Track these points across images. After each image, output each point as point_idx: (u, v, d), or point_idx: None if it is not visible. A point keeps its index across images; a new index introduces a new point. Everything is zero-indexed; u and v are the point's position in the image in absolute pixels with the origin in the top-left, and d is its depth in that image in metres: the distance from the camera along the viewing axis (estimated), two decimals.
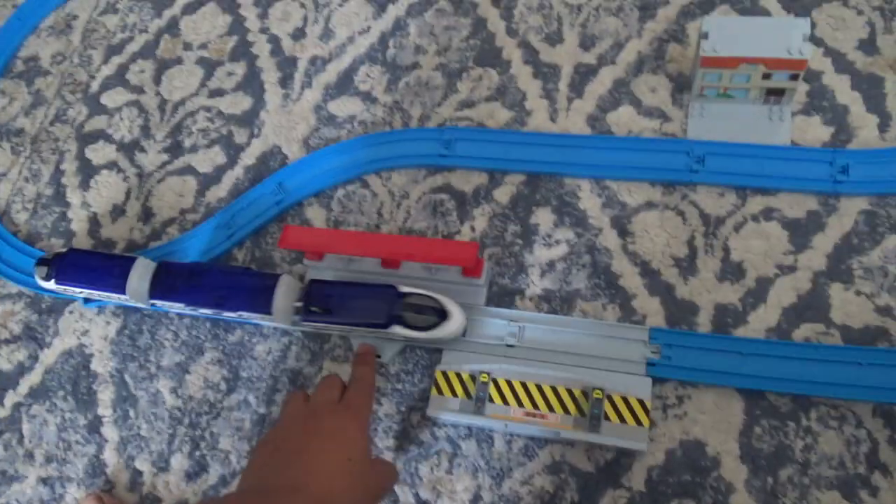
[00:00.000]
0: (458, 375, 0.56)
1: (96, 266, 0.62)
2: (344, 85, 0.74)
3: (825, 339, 0.53)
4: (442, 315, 0.55)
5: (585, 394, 0.53)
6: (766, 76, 0.59)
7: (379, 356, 0.58)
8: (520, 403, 0.54)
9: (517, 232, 0.63)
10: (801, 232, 0.57)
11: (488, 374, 0.55)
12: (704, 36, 0.58)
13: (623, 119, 0.65)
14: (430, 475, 0.56)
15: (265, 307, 0.57)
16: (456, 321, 0.55)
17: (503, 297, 0.60)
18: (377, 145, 0.69)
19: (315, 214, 0.68)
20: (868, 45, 0.63)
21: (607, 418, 0.52)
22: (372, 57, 0.74)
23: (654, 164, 0.62)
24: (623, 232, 0.61)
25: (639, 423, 0.52)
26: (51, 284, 0.63)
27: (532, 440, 0.55)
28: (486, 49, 0.72)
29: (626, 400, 0.52)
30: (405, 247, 0.58)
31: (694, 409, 0.53)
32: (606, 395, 0.53)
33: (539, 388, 0.54)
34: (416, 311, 0.55)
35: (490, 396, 0.55)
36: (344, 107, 0.73)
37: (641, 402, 0.52)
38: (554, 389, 0.54)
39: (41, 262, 0.63)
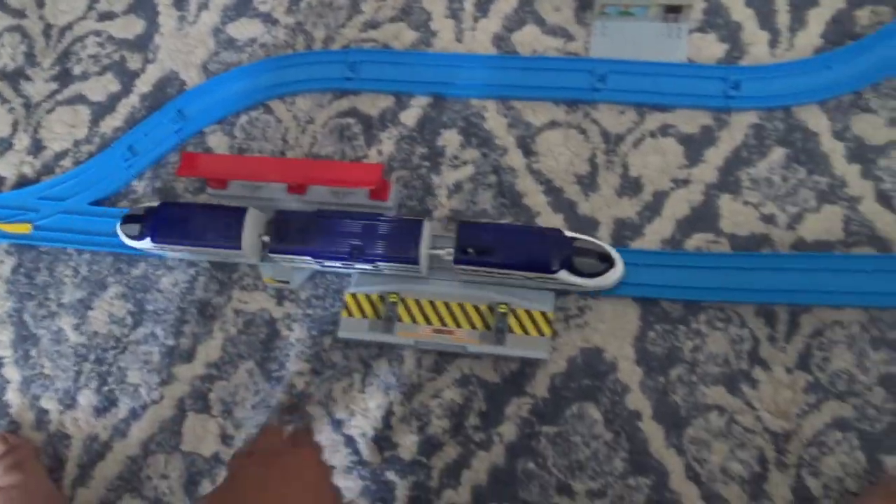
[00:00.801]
0: (368, 297, 0.56)
1: (200, 220, 0.56)
2: (243, 6, 0.71)
3: (715, 248, 0.56)
4: (604, 260, 0.54)
5: (491, 309, 0.55)
6: None
7: (287, 282, 0.58)
8: (428, 321, 0.55)
9: (424, 154, 0.63)
10: (695, 147, 0.59)
11: (397, 294, 0.56)
12: None
13: (528, 38, 0.65)
14: (343, 395, 0.57)
15: (410, 255, 0.53)
16: (620, 268, 0.54)
17: None
18: (280, 69, 0.67)
19: (218, 142, 0.66)
20: None
21: (512, 331, 0.54)
22: None
23: (557, 84, 0.62)
24: (528, 151, 0.61)
25: (542, 334, 0.54)
26: (145, 243, 0.57)
27: (441, 356, 0.56)
28: None
29: (529, 313, 0.54)
30: (309, 170, 0.57)
31: (594, 318, 0.56)
32: (511, 308, 0.54)
33: (447, 305, 0.55)
34: (583, 257, 0.53)
35: (399, 316, 0.55)
36: (244, 29, 0.70)
37: (544, 314, 0.54)
38: (461, 306, 0.55)
39: (129, 218, 0.58)
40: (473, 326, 0.55)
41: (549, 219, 0.59)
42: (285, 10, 0.70)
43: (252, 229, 0.56)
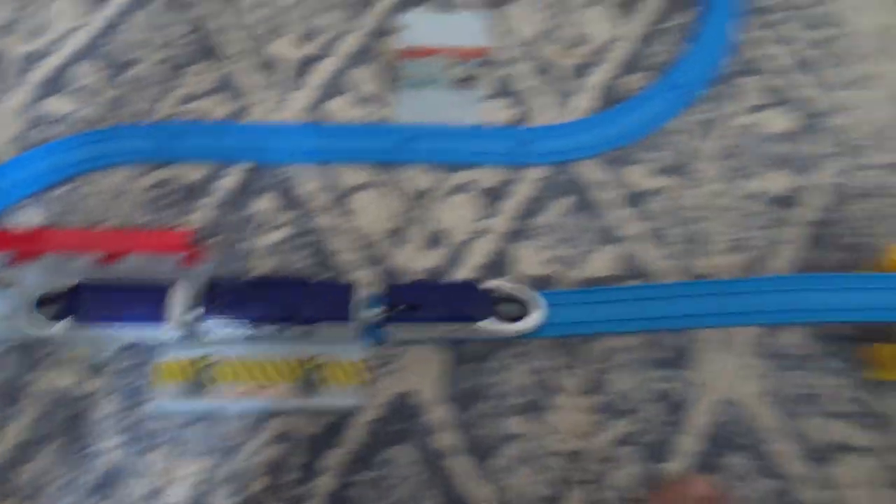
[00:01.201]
0: (180, 363, 0.57)
1: (124, 296, 0.54)
2: (58, 82, 0.71)
3: None
4: (523, 305, 0.55)
5: (305, 363, 0.57)
6: (457, 64, 0.66)
7: (96, 355, 0.57)
8: (243, 381, 0.56)
9: (240, 220, 0.65)
10: (492, 200, 0.65)
11: (210, 356, 0.57)
12: (403, 29, 0.64)
13: (341, 107, 0.70)
14: (158, 464, 0.56)
15: (343, 314, 0.54)
16: (542, 308, 0.56)
17: None
18: (95, 143, 0.68)
19: (30, 217, 0.65)
20: (546, 35, 0.73)
21: (326, 383, 0.56)
22: (89, 52, 0.72)
23: (367, 148, 0.67)
24: (340, 212, 0.65)
25: (355, 383, 0.56)
26: (61, 325, 0.54)
27: (258, 415, 0.57)
28: (208, 43, 0.73)
29: (342, 364, 0.57)
30: (116, 241, 0.58)
31: (405, 363, 0.59)
32: (325, 361, 0.57)
33: (261, 363, 0.57)
34: (504, 304, 0.55)
35: (213, 378, 0.56)
36: (59, 104, 0.70)
37: (357, 364, 0.57)
38: (275, 363, 0.57)
39: (43, 301, 0.54)
40: (288, 382, 0.56)
41: (362, 273, 0.62)
42: (102, 85, 0.71)
43: (182, 302, 0.55)
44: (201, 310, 0.54)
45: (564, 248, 0.63)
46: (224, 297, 0.54)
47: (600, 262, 0.63)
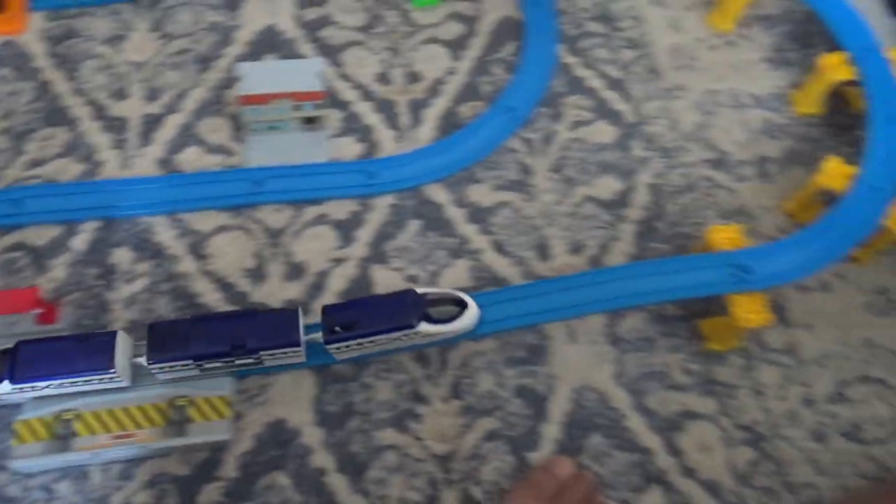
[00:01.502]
0: (41, 420, 0.56)
1: (64, 351, 0.53)
2: None
3: None
4: (458, 304, 0.57)
5: (171, 404, 0.57)
6: (298, 107, 0.70)
7: None
8: (107, 430, 0.56)
9: (97, 274, 0.65)
10: (347, 229, 0.69)
11: (71, 410, 0.56)
12: (239, 79, 0.68)
13: (191, 158, 0.72)
14: None
15: (290, 337, 0.54)
16: (473, 306, 0.58)
17: None
18: None
19: None
20: (383, 77, 0.79)
21: (193, 420, 0.57)
22: None
23: (220, 194, 0.69)
24: (199, 256, 0.67)
25: (222, 417, 0.57)
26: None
27: (127, 462, 0.57)
28: (53, 109, 0.74)
29: (208, 400, 0.58)
30: None
31: (275, 393, 0.61)
32: (190, 400, 0.57)
33: (125, 410, 0.57)
34: (437, 307, 0.57)
35: (76, 431, 0.56)
36: None
37: (223, 398, 0.58)
38: (140, 409, 0.57)
39: None
40: (154, 425, 0.56)
41: (223, 309, 0.64)
42: None
43: (123, 350, 0.55)
44: (143, 357, 0.54)
45: (420, 266, 0.67)
46: (166, 339, 0.54)
47: (454, 276, 0.67)
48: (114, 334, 0.55)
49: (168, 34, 0.80)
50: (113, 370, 0.53)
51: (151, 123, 0.74)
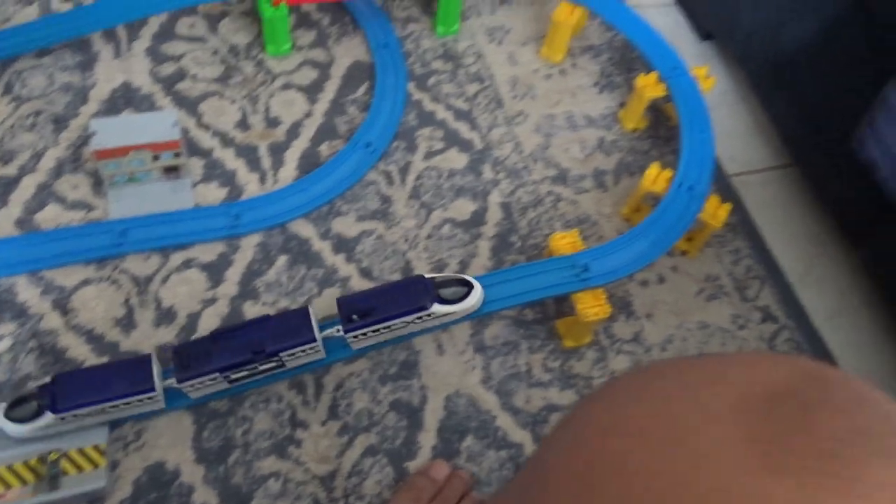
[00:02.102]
0: None
1: (102, 377, 0.56)
2: None
3: None
4: (464, 285, 0.61)
5: (42, 460, 0.57)
6: (157, 158, 0.72)
7: None
8: None
9: None
10: (215, 271, 0.71)
11: None
12: (92, 134, 0.69)
13: (51, 216, 0.72)
14: None
15: (306, 335, 0.58)
16: (478, 287, 0.61)
17: None
18: None
19: None
20: (243, 124, 0.82)
21: (66, 473, 0.57)
22: None
23: (82, 248, 0.70)
24: (64, 311, 0.67)
25: (96, 465, 0.57)
26: (41, 421, 0.54)
27: None
28: None
29: (81, 451, 0.58)
30: None
31: (152, 437, 0.61)
32: (62, 453, 0.57)
33: None
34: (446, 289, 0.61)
35: None
36: None
37: (97, 447, 0.58)
38: (9, 468, 0.56)
39: (18, 401, 0.55)
40: (25, 483, 0.56)
41: (93, 361, 0.64)
42: None
43: (157, 373, 0.56)
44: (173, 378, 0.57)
45: (290, 298, 0.70)
46: (190, 358, 0.57)
47: (325, 304, 0.71)
48: (149, 357, 0.57)
49: (19, 97, 0.80)
50: (154, 391, 0.56)
51: (7, 185, 0.73)
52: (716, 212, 0.75)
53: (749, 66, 0.92)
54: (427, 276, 0.62)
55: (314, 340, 0.59)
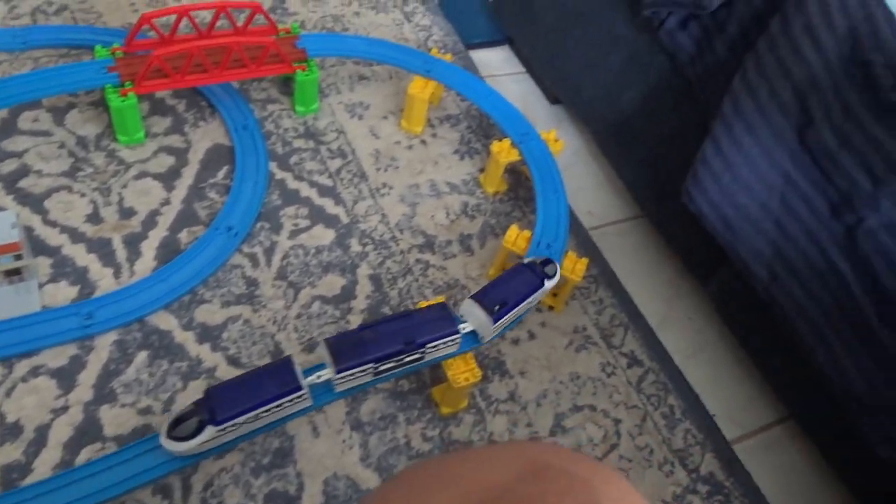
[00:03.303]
0: None
1: (251, 384, 0.57)
2: None
3: (104, 453, 0.63)
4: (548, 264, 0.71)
5: None
6: None
7: None
8: None
9: None
10: (67, 376, 0.67)
11: None
12: None
13: None
14: None
15: (450, 327, 0.63)
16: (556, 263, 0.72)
17: None
18: None
19: None
20: (94, 217, 0.79)
21: None
22: None
23: None
24: None
25: None
26: (203, 436, 0.55)
27: None
28: None
29: None
30: None
31: None
32: None
33: None
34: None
35: None
36: None
37: None
38: None
39: (178, 421, 0.55)
40: None
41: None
42: None
43: (300, 371, 0.58)
44: (330, 369, 0.59)
45: (152, 396, 0.67)
46: (344, 350, 0.59)
47: (190, 398, 0.68)
48: (289, 359, 0.58)
49: None
50: (302, 389, 0.57)
51: None
52: (574, 266, 0.79)
53: (594, 127, 0.99)
54: (527, 260, 0.71)
55: (457, 333, 0.64)
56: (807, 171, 0.66)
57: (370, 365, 0.60)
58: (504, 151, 0.89)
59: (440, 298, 0.73)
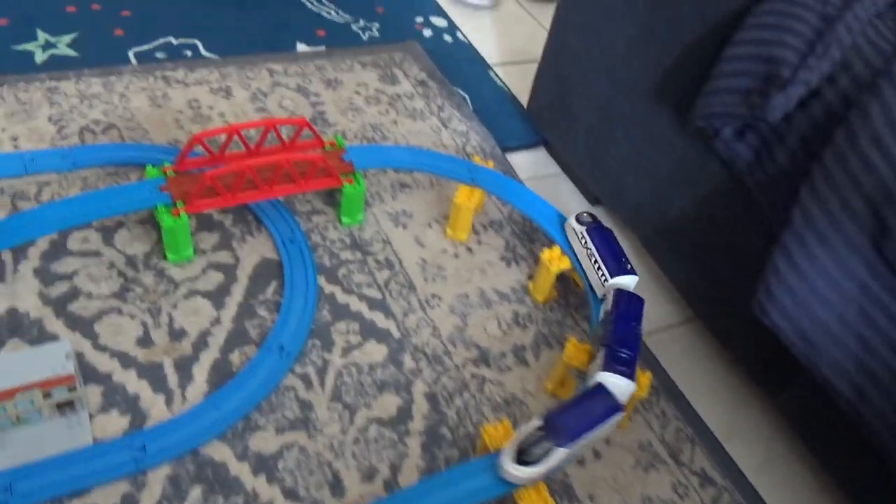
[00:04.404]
0: None
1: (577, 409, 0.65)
2: None
3: None
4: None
5: None
6: (48, 395, 0.65)
7: None
8: None
9: None
10: None
11: None
12: None
13: None
14: None
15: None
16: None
17: None
18: None
19: None
20: (145, 340, 0.77)
21: None
22: None
23: None
24: None
25: None
26: (554, 457, 0.62)
27: None
28: None
29: None
30: None
31: None
32: None
33: None
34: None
35: None
36: None
37: None
38: None
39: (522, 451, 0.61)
40: None
41: None
42: None
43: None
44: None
45: None
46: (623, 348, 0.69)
47: None
48: (600, 385, 0.67)
49: None
50: (622, 411, 0.65)
51: None
52: (639, 380, 0.76)
53: (641, 231, 0.98)
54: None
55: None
56: (885, 281, 0.64)
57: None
58: (555, 260, 0.88)
59: (505, 422, 0.70)
